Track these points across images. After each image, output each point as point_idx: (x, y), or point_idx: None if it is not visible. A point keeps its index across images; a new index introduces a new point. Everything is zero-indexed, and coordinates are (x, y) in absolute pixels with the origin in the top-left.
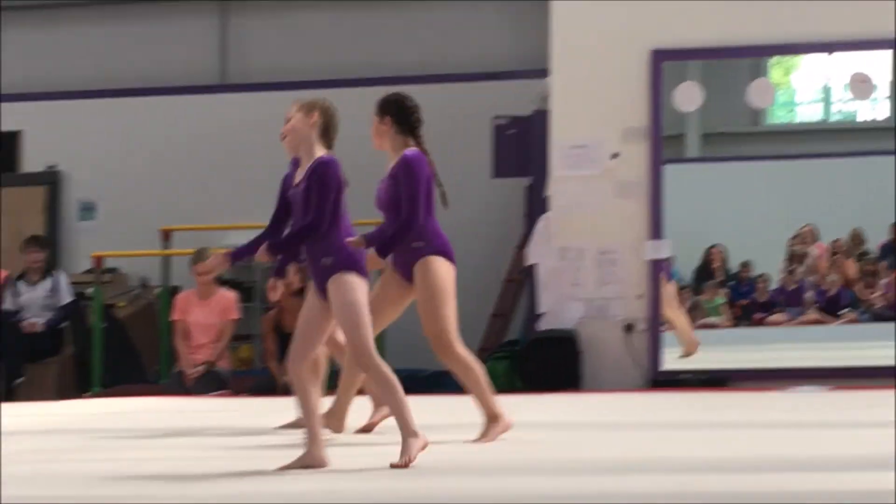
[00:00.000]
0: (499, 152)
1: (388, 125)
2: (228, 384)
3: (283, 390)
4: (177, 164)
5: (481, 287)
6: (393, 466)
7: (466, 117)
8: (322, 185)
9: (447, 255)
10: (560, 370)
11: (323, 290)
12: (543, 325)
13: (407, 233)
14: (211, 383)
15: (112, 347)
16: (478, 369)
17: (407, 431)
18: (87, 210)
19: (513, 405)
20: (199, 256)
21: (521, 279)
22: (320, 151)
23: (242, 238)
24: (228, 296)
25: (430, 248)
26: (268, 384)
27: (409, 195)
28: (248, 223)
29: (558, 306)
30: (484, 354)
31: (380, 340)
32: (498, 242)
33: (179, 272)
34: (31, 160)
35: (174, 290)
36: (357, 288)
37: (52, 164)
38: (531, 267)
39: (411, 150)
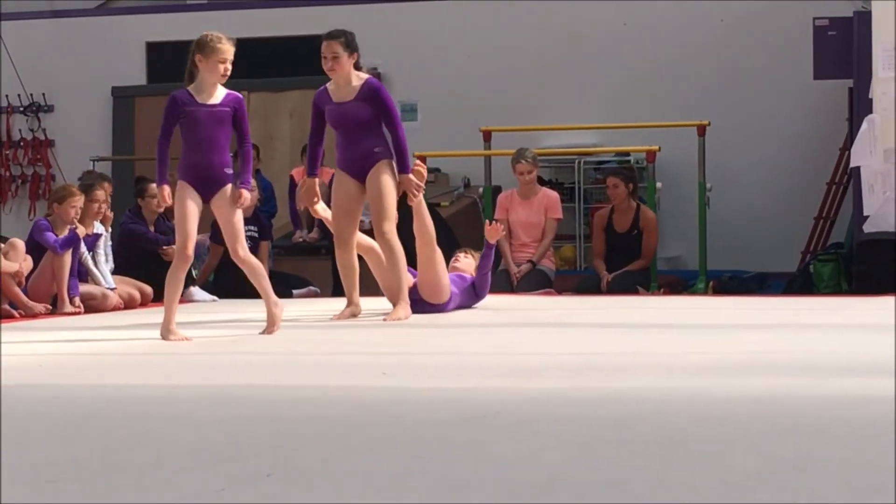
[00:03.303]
0: (819, 54)
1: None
2: (552, 283)
3: (608, 289)
4: (494, 65)
5: (804, 189)
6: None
7: (787, 19)
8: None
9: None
10: (889, 273)
11: None
12: (868, 227)
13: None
14: (535, 281)
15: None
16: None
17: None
18: (409, 111)
19: (839, 307)
20: (519, 156)
21: (845, 182)
22: None
23: (558, 139)
24: (552, 195)
25: (388, 153)
26: (591, 283)
27: (394, 114)
28: (563, 125)
29: (884, 209)
30: (808, 257)
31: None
32: (820, 144)
33: (499, 172)
34: None
35: (496, 190)
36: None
37: (373, 66)
38: (855, 169)
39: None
